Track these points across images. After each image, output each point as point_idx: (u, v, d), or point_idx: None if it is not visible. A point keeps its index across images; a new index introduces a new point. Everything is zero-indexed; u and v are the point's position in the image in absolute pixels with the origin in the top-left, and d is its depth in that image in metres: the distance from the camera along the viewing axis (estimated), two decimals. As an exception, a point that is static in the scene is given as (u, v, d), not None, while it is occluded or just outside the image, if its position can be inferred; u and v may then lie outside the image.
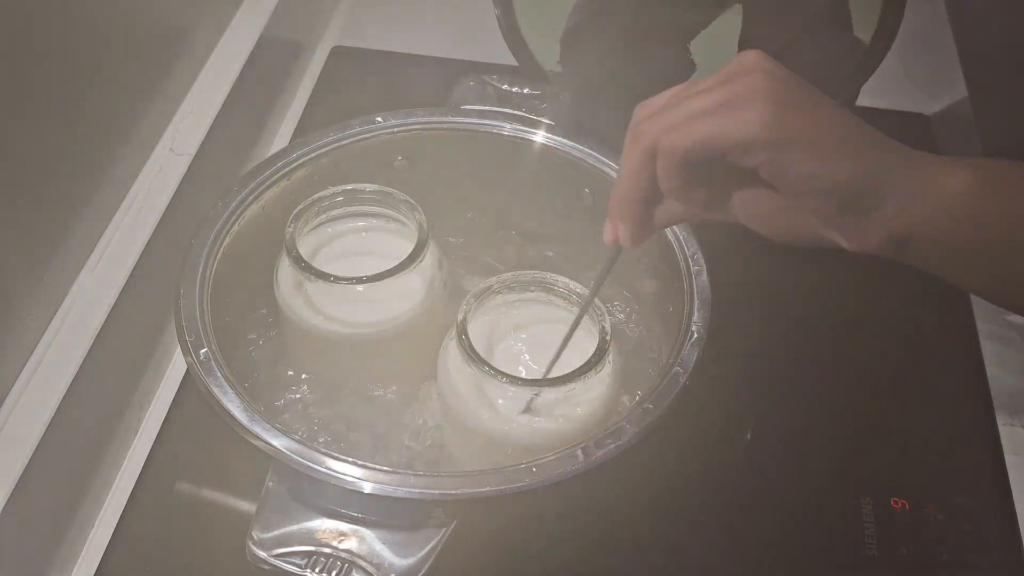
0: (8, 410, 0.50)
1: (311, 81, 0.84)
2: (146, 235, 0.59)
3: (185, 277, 0.51)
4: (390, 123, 0.60)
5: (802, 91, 0.37)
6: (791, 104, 0.36)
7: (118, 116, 0.60)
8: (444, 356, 0.53)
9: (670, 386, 0.47)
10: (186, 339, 0.48)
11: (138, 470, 0.58)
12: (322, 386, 0.58)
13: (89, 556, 0.55)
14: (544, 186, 0.61)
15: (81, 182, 0.57)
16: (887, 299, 0.67)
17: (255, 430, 0.45)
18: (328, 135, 0.59)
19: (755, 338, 0.64)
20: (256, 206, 0.56)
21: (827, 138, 0.36)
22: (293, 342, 0.58)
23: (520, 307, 0.54)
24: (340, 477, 0.43)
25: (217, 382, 0.47)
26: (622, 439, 0.45)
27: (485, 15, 0.66)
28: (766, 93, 0.36)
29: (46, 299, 0.54)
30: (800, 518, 0.56)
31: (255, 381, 0.57)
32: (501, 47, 0.64)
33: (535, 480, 0.43)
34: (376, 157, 0.60)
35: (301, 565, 0.43)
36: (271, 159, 0.58)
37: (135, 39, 0.61)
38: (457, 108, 0.61)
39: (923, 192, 0.37)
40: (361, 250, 0.58)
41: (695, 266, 0.53)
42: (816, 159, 0.36)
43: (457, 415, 0.51)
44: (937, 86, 0.83)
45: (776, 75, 0.37)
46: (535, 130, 0.60)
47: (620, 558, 0.54)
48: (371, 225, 0.58)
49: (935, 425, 0.61)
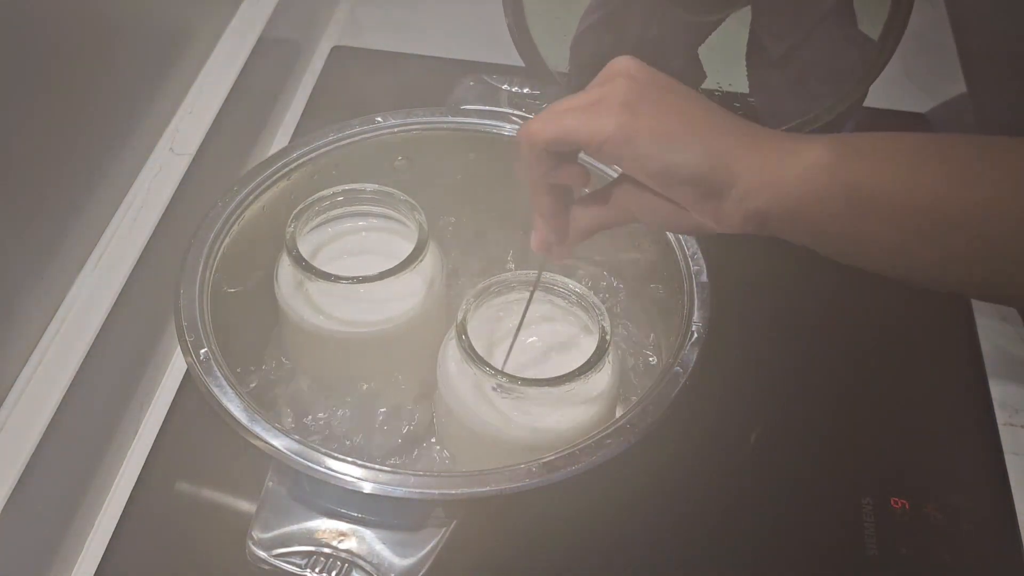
0: (8, 410, 0.50)
1: (311, 81, 0.84)
2: (146, 235, 0.59)
3: (185, 277, 0.51)
4: (390, 123, 0.60)
5: (660, 90, 0.41)
6: (645, 102, 0.40)
7: (118, 116, 0.60)
8: (444, 356, 0.53)
9: (670, 386, 0.47)
10: (186, 339, 0.48)
11: (138, 470, 0.58)
12: (322, 386, 0.58)
13: (89, 556, 0.55)
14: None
15: (81, 182, 0.56)
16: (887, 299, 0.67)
17: (255, 430, 0.45)
18: (328, 135, 0.59)
19: (755, 338, 0.64)
20: (256, 206, 0.56)
21: (674, 130, 0.40)
22: (293, 342, 0.58)
23: (520, 307, 0.54)
24: (340, 477, 0.43)
25: (217, 382, 0.47)
26: (622, 439, 0.45)
27: (485, 15, 0.66)
28: (624, 94, 0.40)
29: (46, 299, 0.54)
30: (800, 518, 0.56)
31: (255, 381, 0.57)
32: (501, 47, 0.64)
33: (535, 480, 0.43)
34: (376, 157, 0.60)
35: (301, 565, 0.43)
36: (271, 159, 0.58)
37: (135, 39, 0.61)
38: (457, 108, 0.61)
39: (775, 167, 0.39)
40: (361, 250, 0.58)
41: (695, 266, 0.53)
42: (664, 151, 0.39)
43: (457, 415, 0.51)
44: (937, 86, 0.83)
45: (638, 78, 0.41)
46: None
47: (620, 558, 0.54)
48: (371, 225, 0.58)
49: (935, 425, 0.61)
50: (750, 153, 0.40)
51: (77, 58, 0.55)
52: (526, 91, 0.62)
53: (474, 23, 0.85)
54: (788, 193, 0.39)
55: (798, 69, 0.60)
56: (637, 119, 0.39)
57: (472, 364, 0.48)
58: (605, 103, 0.40)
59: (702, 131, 0.40)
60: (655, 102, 0.40)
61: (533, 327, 0.54)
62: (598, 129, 0.40)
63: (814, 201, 0.39)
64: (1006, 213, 0.38)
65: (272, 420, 0.45)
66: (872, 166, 0.39)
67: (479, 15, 0.80)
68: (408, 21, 0.90)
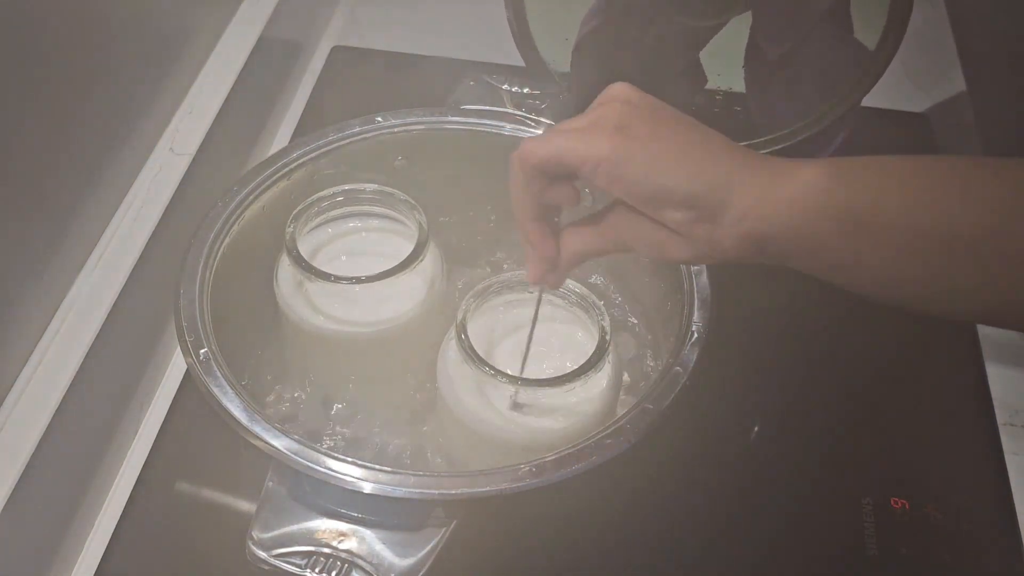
0: (8, 410, 0.50)
1: (311, 81, 0.84)
2: (146, 235, 0.59)
3: (185, 277, 0.51)
4: (390, 123, 0.60)
5: (654, 115, 0.41)
6: (639, 126, 0.40)
7: (118, 116, 0.60)
8: (444, 356, 0.53)
9: (670, 386, 0.47)
10: (186, 339, 0.48)
11: (138, 470, 0.58)
12: (322, 386, 0.58)
13: (89, 556, 0.55)
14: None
15: (81, 182, 0.56)
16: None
17: (255, 430, 0.45)
18: (328, 135, 0.59)
19: (755, 338, 0.64)
20: (256, 206, 0.56)
21: (668, 154, 0.39)
22: (293, 342, 0.58)
23: (520, 307, 0.54)
24: (340, 477, 0.43)
25: (217, 382, 0.47)
26: (622, 439, 0.45)
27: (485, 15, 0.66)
28: (619, 118, 0.40)
29: (46, 299, 0.54)
30: (800, 518, 0.56)
31: (255, 381, 0.57)
32: (502, 47, 0.64)
33: (535, 480, 0.43)
34: (376, 157, 0.60)
35: (301, 565, 0.43)
36: (271, 159, 0.58)
37: (135, 39, 0.61)
38: (457, 108, 0.61)
39: (769, 190, 0.39)
40: (361, 250, 0.58)
41: (695, 266, 0.53)
42: (658, 173, 0.39)
43: (457, 415, 0.51)
44: (937, 86, 0.83)
45: (633, 102, 0.41)
46: (535, 130, 0.60)
47: (620, 558, 0.54)
48: (371, 225, 0.58)
49: (935, 425, 0.61)
50: (744, 176, 0.39)
51: (77, 58, 0.55)
52: (526, 91, 0.62)
53: (474, 23, 0.85)
54: (783, 214, 0.39)
55: (794, 73, 0.60)
56: (631, 142, 0.39)
57: (472, 364, 0.48)
58: (600, 126, 0.40)
59: (696, 155, 0.40)
60: (650, 126, 0.40)
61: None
62: (592, 151, 0.40)
63: (810, 222, 0.39)
64: (1016, 234, 0.37)
65: (272, 420, 0.45)
66: (870, 186, 0.39)
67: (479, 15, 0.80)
68: (408, 21, 0.90)
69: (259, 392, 0.57)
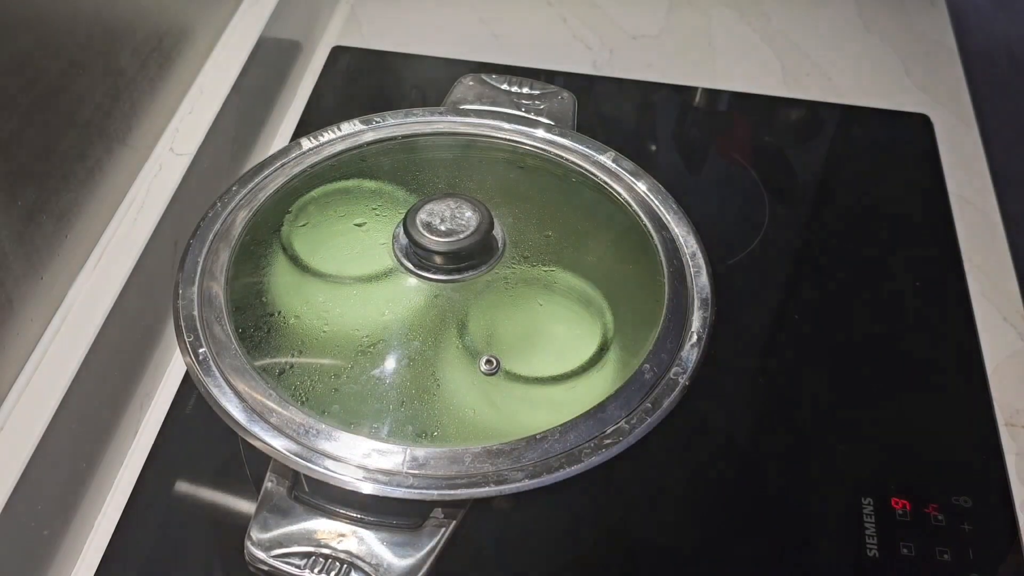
0: (8, 410, 0.50)
1: (311, 81, 0.84)
2: (146, 235, 0.59)
3: (184, 277, 0.51)
4: (390, 123, 0.60)
5: None
6: None
7: (118, 116, 0.60)
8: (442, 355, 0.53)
9: (670, 386, 0.47)
10: (185, 339, 0.48)
11: (138, 470, 0.58)
12: (321, 386, 0.58)
13: (89, 556, 0.55)
14: (544, 186, 0.61)
15: (81, 182, 0.56)
16: (889, 299, 0.67)
17: (254, 430, 0.45)
18: (328, 135, 0.59)
19: (755, 338, 0.64)
20: (256, 205, 0.56)
21: None
22: (292, 342, 0.58)
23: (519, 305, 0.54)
24: (339, 477, 0.43)
25: (216, 382, 0.47)
26: (622, 439, 0.45)
27: (485, 15, 0.66)
28: None
29: (46, 299, 0.54)
30: (800, 518, 0.56)
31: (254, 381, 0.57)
32: (502, 47, 0.64)
33: (535, 480, 0.43)
34: (376, 157, 0.60)
35: (300, 566, 0.43)
36: (271, 159, 0.58)
37: (135, 39, 0.61)
38: (457, 108, 0.61)
39: None
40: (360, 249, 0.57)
41: (695, 266, 0.53)
42: None
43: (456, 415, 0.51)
44: (937, 86, 0.83)
45: None
46: (535, 130, 0.60)
47: (619, 558, 0.54)
48: (371, 225, 0.58)
49: (936, 425, 0.61)
50: None
51: (77, 58, 0.55)
52: (526, 91, 0.62)
53: (474, 23, 0.85)
54: None
55: None
56: None
57: (472, 363, 0.48)
58: None
59: None
60: None
61: (533, 326, 0.54)
62: None
63: None
64: None
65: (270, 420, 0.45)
66: None
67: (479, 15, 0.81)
68: (408, 21, 0.90)
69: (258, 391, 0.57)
